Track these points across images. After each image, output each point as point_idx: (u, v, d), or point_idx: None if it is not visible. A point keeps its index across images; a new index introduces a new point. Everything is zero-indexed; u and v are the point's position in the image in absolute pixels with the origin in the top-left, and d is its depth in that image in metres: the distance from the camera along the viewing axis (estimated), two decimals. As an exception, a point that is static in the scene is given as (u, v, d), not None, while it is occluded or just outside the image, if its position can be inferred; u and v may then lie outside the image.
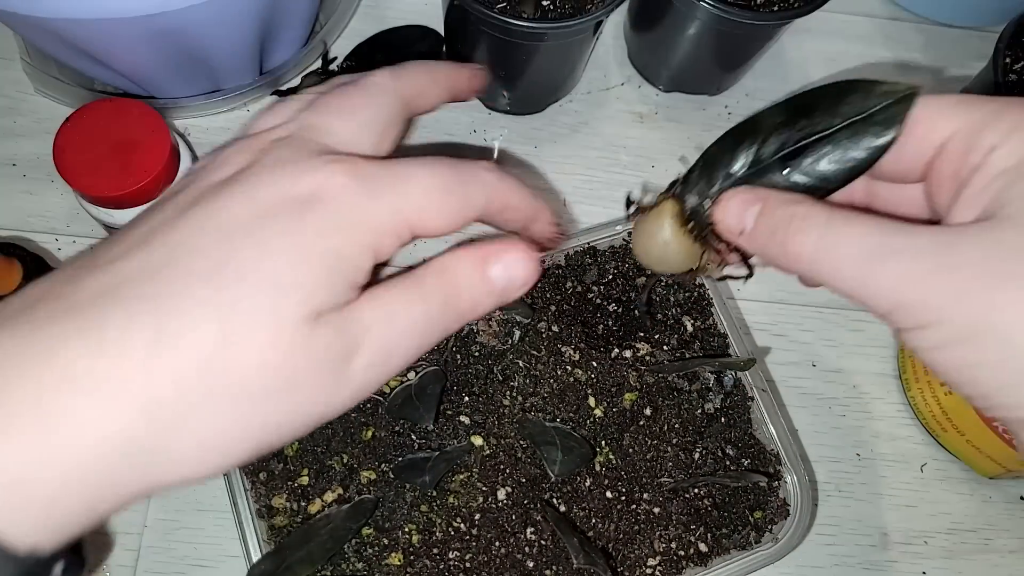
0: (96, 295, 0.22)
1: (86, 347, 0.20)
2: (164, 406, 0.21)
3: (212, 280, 0.22)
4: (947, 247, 0.23)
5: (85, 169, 0.37)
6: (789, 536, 0.37)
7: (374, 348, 0.24)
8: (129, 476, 0.21)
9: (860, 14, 0.56)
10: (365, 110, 0.29)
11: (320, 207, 0.24)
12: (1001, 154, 0.24)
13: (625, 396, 0.38)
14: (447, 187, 0.26)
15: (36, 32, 0.40)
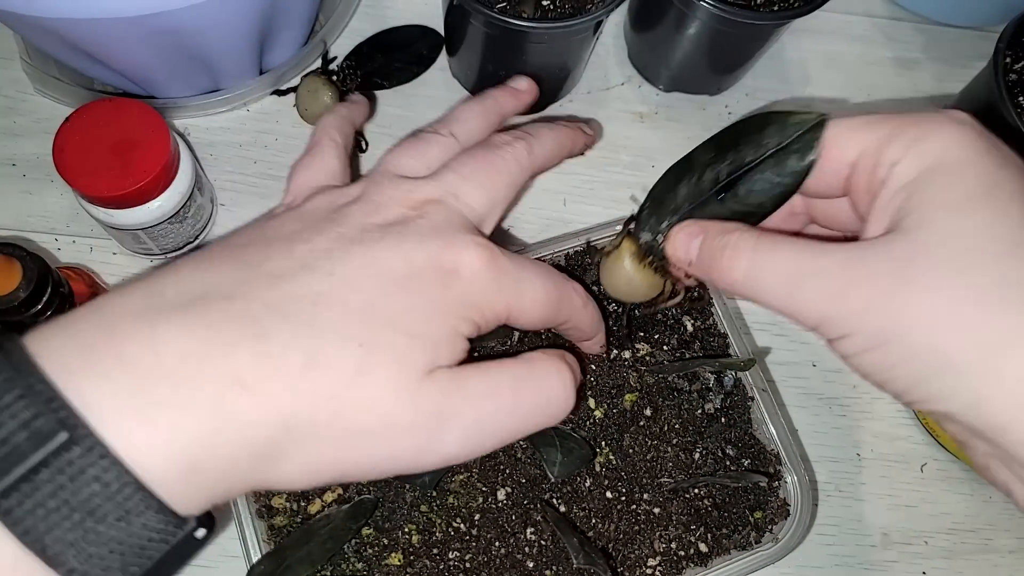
0: (266, 307, 0.25)
1: (254, 357, 0.23)
2: (298, 423, 0.24)
3: (363, 319, 0.25)
4: (856, 263, 0.25)
5: (85, 169, 0.37)
6: (789, 536, 0.37)
7: (472, 418, 0.27)
8: (259, 472, 0.24)
9: (860, 14, 0.56)
10: (504, 188, 0.33)
11: (458, 283, 0.28)
12: (901, 168, 0.26)
13: (625, 397, 0.38)
14: (549, 303, 0.31)
15: (36, 32, 0.40)
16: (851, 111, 0.28)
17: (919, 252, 0.24)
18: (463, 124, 0.36)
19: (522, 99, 0.40)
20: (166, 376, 0.22)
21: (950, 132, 0.26)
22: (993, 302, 0.23)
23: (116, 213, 0.39)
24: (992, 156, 0.25)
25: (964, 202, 0.24)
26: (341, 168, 0.35)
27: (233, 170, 0.47)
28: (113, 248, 0.44)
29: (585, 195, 0.49)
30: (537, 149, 0.35)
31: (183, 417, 0.22)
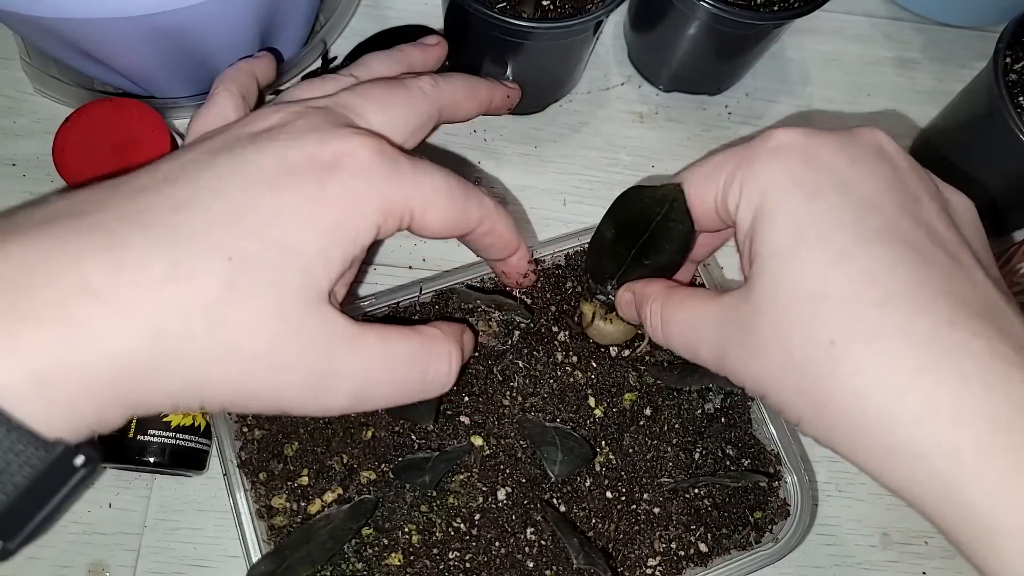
0: (120, 216, 0.23)
1: (107, 264, 0.22)
2: (169, 334, 0.22)
3: (228, 227, 0.23)
4: (724, 321, 0.27)
5: (85, 169, 0.37)
6: (789, 536, 0.37)
7: (361, 380, 0.26)
8: (131, 390, 0.22)
9: (860, 14, 0.56)
10: (402, 107, 0.31)
11: (340, 173, 0.25)
12: (740, 215, 0.27)
13: (625, 396, 0.38)
14: (453, 194, 0.29)
15: (36, 31, 0.40)
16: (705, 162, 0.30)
17: (756, 317, 0.26)
18: (365, 67, 0.34)
19: (431, 52, 0.38)
20: (5, 289, 0.21)
21: (767, 170, 0.26)
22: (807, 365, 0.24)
23: (116, 213, 0.39)
24: (802, 189, 0.25)
25: (778, 255, 0.25)
26: (236, 114, 0.32)
27: (233, 170, 0.47)
28: (113, 248, 0.44)
29: (585, 195, 0.49)
30: (444, 84, 0.34)
31: (22, 327, 0.20)
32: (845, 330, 0.23)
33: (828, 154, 0.26)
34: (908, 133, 0.52)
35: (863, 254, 0.24)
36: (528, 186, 0.48)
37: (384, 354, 0.27)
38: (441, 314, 0.38)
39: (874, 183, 0.26)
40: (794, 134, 0.27)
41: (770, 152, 0.26)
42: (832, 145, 0.26)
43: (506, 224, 0.32)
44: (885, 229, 0.24)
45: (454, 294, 0.39)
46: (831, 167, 0.26)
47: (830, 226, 0.25)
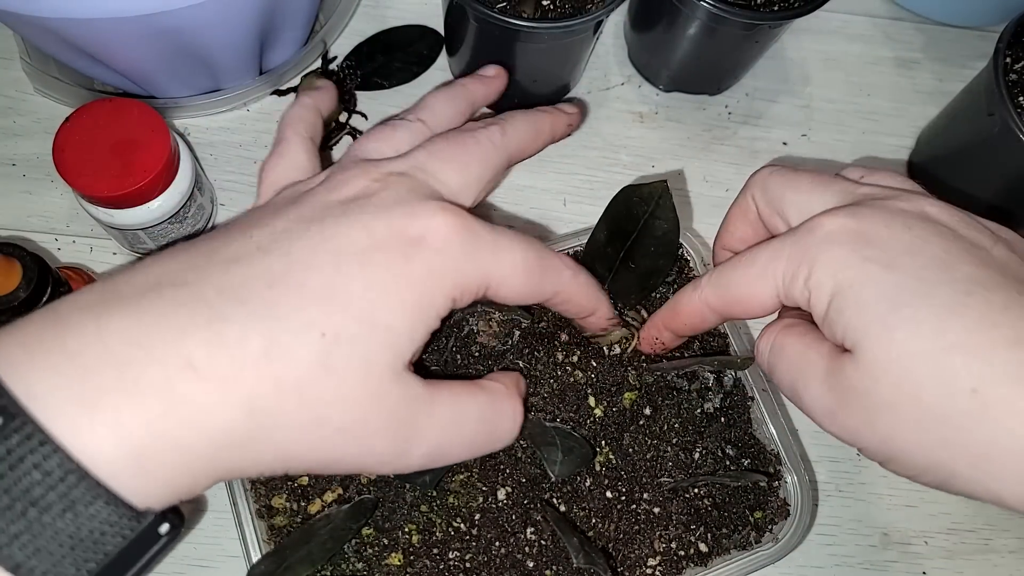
0: (220, 291, 0.24)
1: (207, 339, 0.22)
2: (264, 411, 0.23)
3: (322, 303, 0.24)
4: (836, 390, 0.27)
5: (85, 169, 0.37)
6: (789, 536, 0.37)
7: (435, 442, 0.27)
8: (222, 462, 0.23)
9: (860, 14, 0.56)
10: (477, 166, 0.32)
11: (424, 251, 0.26)
12: (815, 303, 0.28)
13: (625, 395, 0.38)
14: (531, 269, 0.30)
15: (36, 32, 0.40)
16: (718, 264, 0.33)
17: (874, 383, 0.26)
18: (430, 110, 0.35)
19: (491, 85, 0.39)
20: (111, 363, 0.21)
21: (829, 259, 0.27)
22: (951, 418, 0.24)
23: (116, 213, 0.39)
24: (877, 263, 0.26)
25: (880, 322, 0.25)
26: (309, 161, 0.33)
27: (233, 170, 0.47)
28: (113, 248, 0.44)
29: (585, 195, 0.49)
30: (511, 131, 0.34)
31: (128, 402, 0.21)
32: (985, 376, 0.24)
33: (882, 228, 0.27)
34: (908, 133, 0.52)
35: (971, 303, 0.24)
36: (528, 186, 0.48)
37: (456, 417, 0.28)
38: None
39: (938, 243, 0.26)
40: (840, 219, 0.27)
41: (824, 241, 0.27)
42: (881, 219, 0.27)
43: (584, 293, 0.33)
44: (975, 278, 0.25)
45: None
46: (891, 238, 0.26)
47: (923, 286, 0.25)
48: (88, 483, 0.20)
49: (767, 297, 0.29)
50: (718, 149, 0.51)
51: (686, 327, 0.34)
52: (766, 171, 0.32)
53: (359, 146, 0.33)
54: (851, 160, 0.51)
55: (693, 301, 0.32)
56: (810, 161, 0.51)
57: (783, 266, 0.28)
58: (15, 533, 0.20)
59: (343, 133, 0.48)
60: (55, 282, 0.34)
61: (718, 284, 0.31)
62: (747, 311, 0.31)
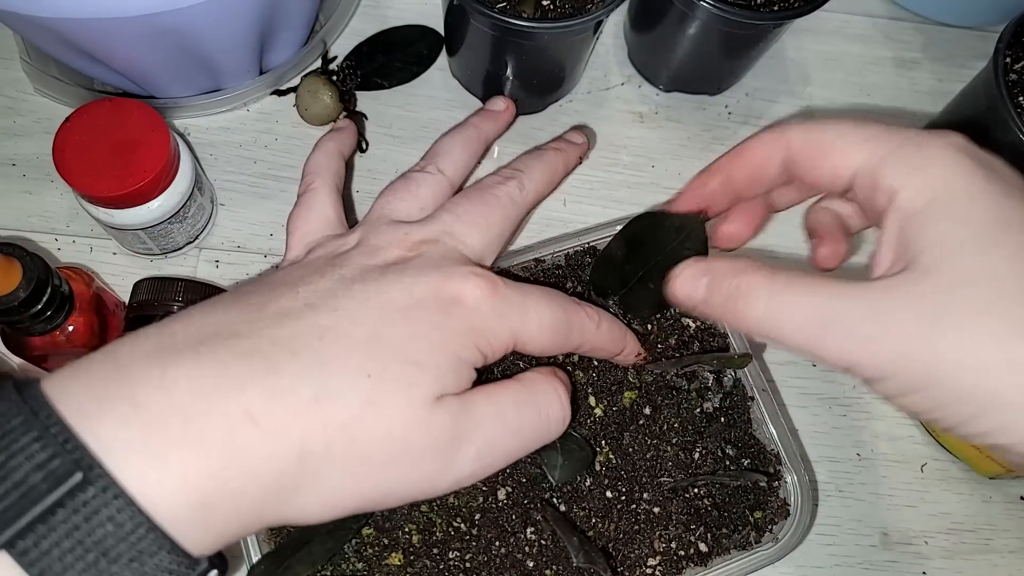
0: (273, 343, 0.25)
1: (265, 391, 0.24)
2: (312, 455, 0.24)
3: (368, 349, 0.26)
4: (883, 308, 0.24)
5: (85, 169, 0.37)
6: (789, 536, 0.37)
7: (482, 441, 0.28)
8: (272, 507, 0.24)
9: (860, 14, 0.56)
10: (498, 225, 0.34)
11: (460, 311, 0.28)
12: (905, 198, 0.26)
13: (624, 395, 0.38)
14: (556, 327, 0.31)
15: (36, 31, 0.40)
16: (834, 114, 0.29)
17: (947, 294, 0.23)
18: (447, 157, 0.37)
19: (501, 119, 0.41)
20: (177, 415, 0.22)
21: (951, 160, 0.25)
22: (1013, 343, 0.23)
23: (116, 213, 0.39)
24: (996, 186, 0.25)
25: (980, 239, 0.24)
26: (336, 214, 0.36)
27: (233, 170, 0.47)
28: (113, 248, 0.44)
29: (585, 195, 0.49)
30: (528, 184, 0.36)
31: (194, 455, 0.22)
32: None
33: (1004, 167, 0.26)
34: (908, 133, 0.52)
35: None
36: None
37: (494, 410, 0.29)
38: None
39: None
40: (968, 141, 0.26)
41: (949, 145, 0.26)
42: (1002, 161, 0.26)
43: (609, 339, 0.35)
44: None
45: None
46: (1012, 177, 0.26)
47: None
48: (155, 535, 0.21)
49: (850, 165, 0.27)
50: (718, 149, 0.51)
51: (744, 172, 0.31)
52: (808, 123, 0.29)
53: (387, 204, 0.35)
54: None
55: (771, 136, 0.30)
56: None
57: (892, 145, 0.26)
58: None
59: (343, 133, 0.48)
60: (55, 282, 0.34)
61: (810, 128, 0.29)
62: (819, 171, 0.28)
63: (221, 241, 0.45)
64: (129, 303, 0.40)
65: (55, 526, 0.20)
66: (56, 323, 0.35)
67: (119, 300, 0.41)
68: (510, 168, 0.37)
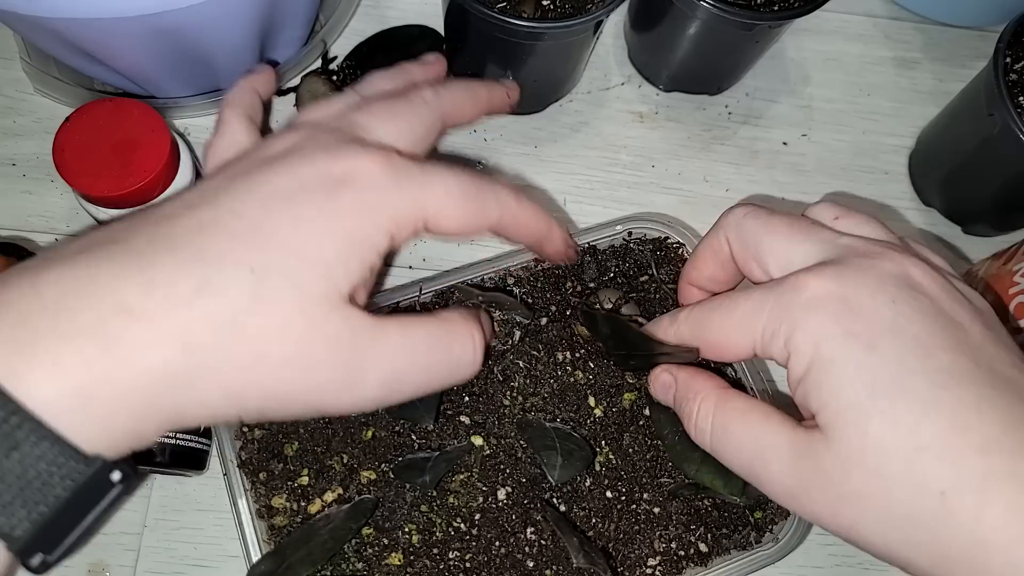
0: (149, 241, 0.24)
1: (139, 285, 0.23)
2: (200, 347, 0.23)
3: (249, 242, 0.25)
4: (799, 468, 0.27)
5: (85, 169, 0.37)
6: (789, 536, 0.37)
7: (389, 369, 0.27)
8: (166, 403, 0.23)
9: (860, 14, 0.56)
10: (406, 119, 0.32)
11: (351, 187, 0.27)
12: (791, 367, 0.27)
13: (624, 396, 0.38)
14: (466, 194, 0.29)
15: (36, 31, 0.40)
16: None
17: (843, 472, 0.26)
18: (369, 85, 0.35)
19: (431, 69, 0.39)
20: (46, 311, 0.22)
21: (812, 324, 0.27)
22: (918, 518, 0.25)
23: (116, 213, 0.39)
24: (858, 340, 0.26)
25: (855, 408, 0.25)
26: (249, 139, 0.34)
27: (233, 170, 0.47)
28: (113, 248, 0.44)
29: (585, 195, 0.49)
30: (444, 93, 0.34)
31: (64, 345, 0.21)
32: (954, 480, 0.24)
33: (867, 297, 0.26)
34: (908, 133, 0.52)
35: (945, 399, 0.25)
36: (528, 186, 0.48)
37: (406, 341, 0.28)
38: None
39: (920, 321, 0.26)
40: (825, 281, 0.27)
41: (807, 305, 0.27)
42: (866, 288, 0.27)
43: (530, 213, 0.32)
44: (951, 369, 0.25)
45: (455, 292, 0.39)
46: (876, 312, 0.26)
47: (901, 374, 0.25)
48: (31, 424, 0.21)
49: (743, 347, 0.29)
50: (718, 149, 0.51)
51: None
52: (740, 212, 0.31)
53: (297, 117, 0.33)
54: (851, 160, 0.51)
55: (668, 335, 0.32)
56: (810, 160, 0.51)
57: (764, 321, 0.28)
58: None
59: (343, 133, 0.48)
60: (55, 282, 0.34)
61: (696, 325, 0.31)
62: (721, 356, 0.31)
63: (221, 241, 0.45)
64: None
65: None
66: (56, 323, 0.35)
67: (119, 300, 0.41)
68: None
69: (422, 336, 0.28)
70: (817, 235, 0.29)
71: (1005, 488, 0.24)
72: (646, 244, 0.42)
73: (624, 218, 0.43)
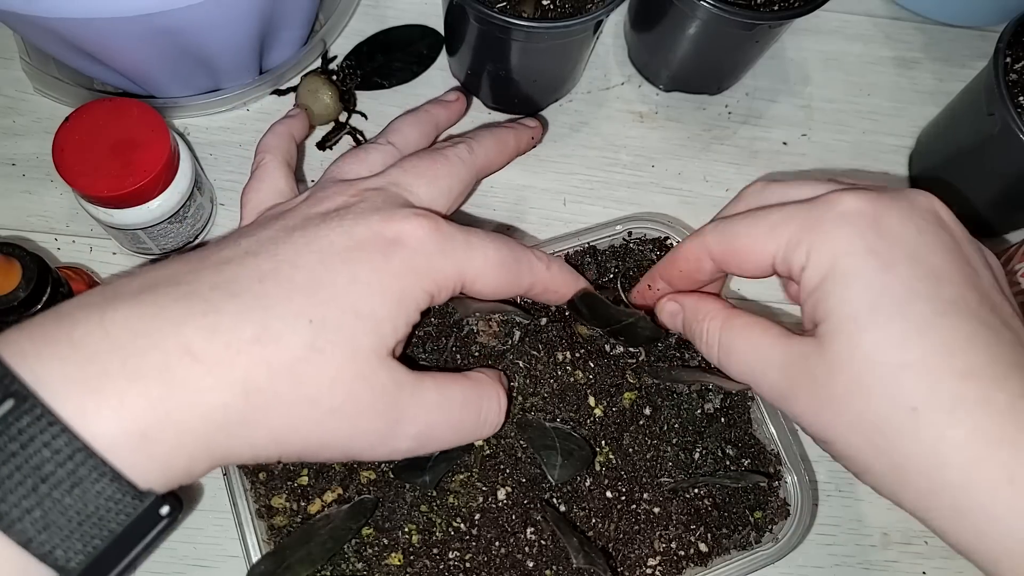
0: (212, 287, 0.25)
1: (203, 329, 0.24)
2: (257, 392, 0.24)
3: (309, 295, 0.26)
4: (792, 371, 0.29)
5: (84, 169, 0.37)
6: (789, 536, 0.37)
7: (424, 425, 0.29)
8: (219, 444, 0.24)
9: (860, 14, 0.56)
10: (446, 179, 0.34)
11: (402, 250, 0.29)
12: (807, 276, 0.28)
13: (624, 395, 0.38)
14: (504, 264, 0.32)
15: (35, 31, 0.40)
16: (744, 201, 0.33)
17: (829, 374, 0.27)
18: (399, 133, 0.38)
19: (452, 108, 0.42)
20: (114, 351, 0.23)
21: (837, 236, 0.28)
22: (885, 427, 0.26)
23: (116, 213, 0.39)
24: (878, 258, 0.27)
25: (855, 319, 0.27)
26: (288, 186, 0.36)
27: (233, 170, 0.47)
28: (113, 248, 0.44)
29: (585, 195, 0.49)
30: (478, 149, 0.37)
31: (131, 386, 0.23)
32: (927, 398, 0.25)
33: (896, 223, 0.27)
34: (908, 133, 0.52)
35: (941, 325, 0.26)
36: (528, 186, 0.48)
37: (441, 399, 0.30)
38: (441, 313, 0.38)
39: (940, 254, 0.27)
40: (860, 200, 0.28)
41: (839, 218, 0.28)
42: (897, 213, 0.28)
43: (560, 281, 0.35)
44: (956, 301, 0.26)
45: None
46: (900, 236, 0.27)
47: (907, 296, 0.26)
48: (94, 461, 0.22)
49: (766, 257, 0.30)
50: (718, 149, 0.51)
51: (681, 275, 0.35)
52: (760, 182, 0.33)
53: (336, 168, 0.35)
54: (851, 160, 0.51)
55: (693, 245, 0.33)
56: (810, 160, 0.51)
57: (791, 230, 0.29)
58: (27, 508, 0.21)
59: (343, 133, 0.48)
60: (55, 282, 0.34)
61: (723, 231, 0.31)
62: (743, 266, 0.31)
63: (221, 241, 0.45)
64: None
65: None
66: (56, 323, 0.35)
67: (119, 300, 0.41)
68: (461, 136, 0.38)
69: (456, 395, 0.31)
70: (844, 181, 0.31)
71: (975, 412, 0.25)
72: (646, 244, 0.42)
73: (624, 218, 0.43)
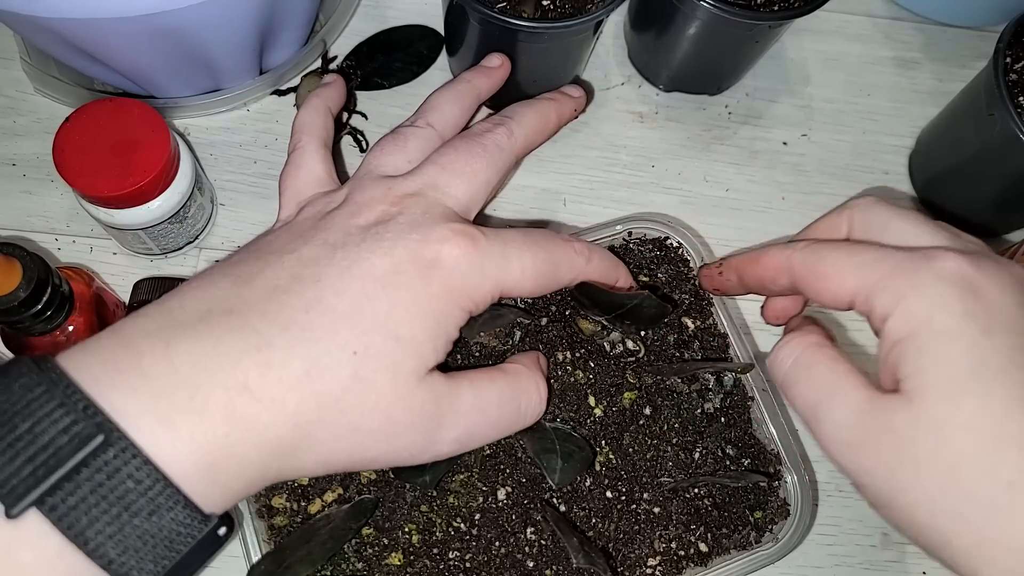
0: (262, 316, 0.27)
1: (258, 365, 0.26)
2: (307, 423, 0.26)
3: (352, 325, 0.28)
4: (866, 426, 0.27)
5: (85, 169, 0.37)
6: (789, 536, 0.37)
7: (463, 428, 0.30)
8: (272, 469, 0.27)
9: (860, 14, 0.56)
10: (484, 173, 0.34)
11: (440, 272, 0.30)
12: (892, 325, 0.27)
13: (624, 395, 0.38)
14: (540, 273, 0.32)
15: (35, 31, 0.40)
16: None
17: (917, 434, 0.26)
18: (438, 112, 0.37)
19: (495, 76, 0.41)
20: (182, 386, 0.25)
21: (936, 292, 0.27)
22: (977, 498, 0.25)
23: (116, 213, 0.39)
24: (977, 322, 0.26)
25: (954, 381, 0.26)
26: (326, 170, 0.36)
27: (233, 170, 0.47)
28: (113, 248, 0.44)
29: (585, 195, 0.49)
30: (518, 130, 0.36)
31: (200, 421, 0.25)
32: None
33: (995, 291, 0.27)
34: (908, 133, 0.52)
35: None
36: (528, 186, 0.48)
37: (478, 401, 0.31)
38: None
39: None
40: (961, 261, 0.27)
41: (938, 275, 0.27)
42: (998, 281, 0.27)
43: (602, 274, 0.35)
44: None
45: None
46: (1000, 306, 0.27)
47: (1009, 367, 0.25)
48: (171, 491, 0.24)
49: (848, 290, 0.29)
50: (718, 149, 0.51)
51: (755, 278, 0.34)
52: (870, 199, 0.32)
53: (374, 160, 0.35)
54: (851, 160, 0.51)
55: (780, 256, 0.32)
56: (810, 160, 0.51)
57: (882, 273, 0.28)
58: (110, 534, 0.23)
59: (343, 133, 0.48)
60: (55, 282, 0.34)
61: (813, 253, 0.31)
62: (820, 292, 0.30)
63: (221, 241, 0.45)
64: (129, 303, 0.40)
65: (80, 484, 0.22)
66: (56, 323, 0.35)
67: (119, 300, 0.41)
68: (500, 115, 0.37)
69: (493, 395, 0.32)
70: (948, 230, 0.30)
71: None
72: (646, 244, 0.42)
73: (624, 218, 0.43)
